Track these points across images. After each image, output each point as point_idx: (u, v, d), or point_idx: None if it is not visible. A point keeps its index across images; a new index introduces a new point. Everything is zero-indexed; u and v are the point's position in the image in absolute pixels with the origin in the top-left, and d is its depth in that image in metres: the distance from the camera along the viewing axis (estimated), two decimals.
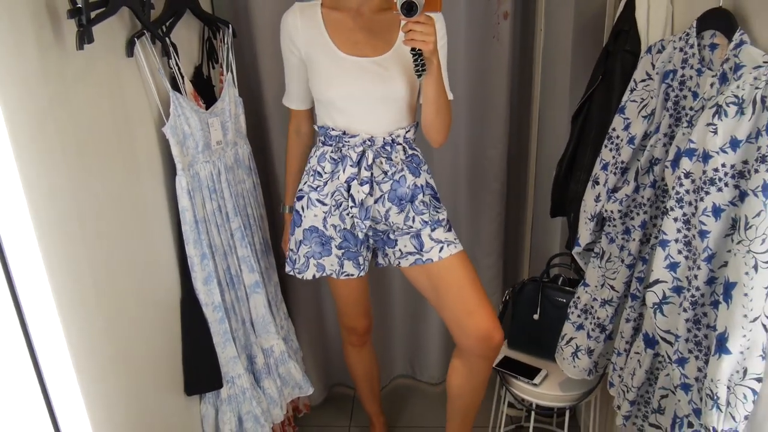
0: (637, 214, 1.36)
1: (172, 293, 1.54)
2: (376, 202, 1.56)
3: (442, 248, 1.58)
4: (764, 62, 1.00)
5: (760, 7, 1.07)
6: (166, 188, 1.49)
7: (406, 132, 1.56)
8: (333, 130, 1.55)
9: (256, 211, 1.82)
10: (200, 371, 1.59)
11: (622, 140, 1.39)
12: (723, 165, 1.04)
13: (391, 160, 1.54)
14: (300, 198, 1.63)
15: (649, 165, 1.31)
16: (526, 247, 2.27)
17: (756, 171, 0.98)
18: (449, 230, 1.62)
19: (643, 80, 1.36)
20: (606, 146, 1.44)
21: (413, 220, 1.57)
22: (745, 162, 1.03)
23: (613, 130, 1.42)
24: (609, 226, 1.43)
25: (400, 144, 1.55)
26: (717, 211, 1.06)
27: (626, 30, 1.45)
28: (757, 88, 1.00)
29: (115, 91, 1.28)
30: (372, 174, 1.53)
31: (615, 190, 1.39)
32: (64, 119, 1.07)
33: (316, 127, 1.62)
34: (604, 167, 1.44)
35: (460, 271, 1.58)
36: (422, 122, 1.55)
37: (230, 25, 1.67)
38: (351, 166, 1.53)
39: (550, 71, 2.02)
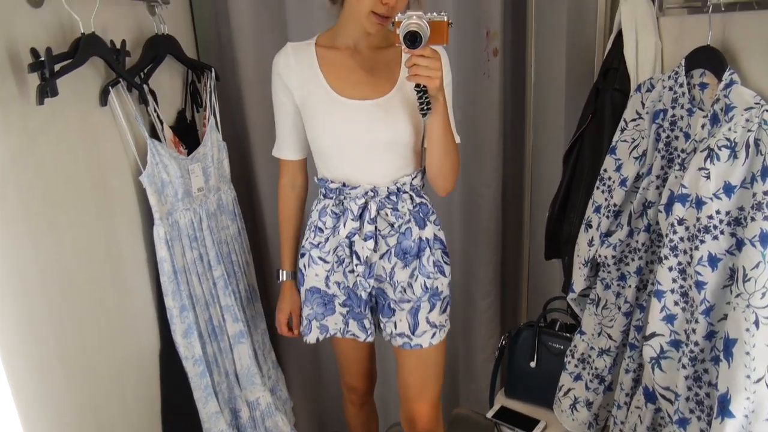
0: (632, 259, 1.30)
1: (150, 347, 1.48)
2: (381, 257, 1.42)
3: (434, 334, 1.48)
4: (756, 103, 0.95)
5: (749, 46, 1.03)
6: (144, 238, 1.44)
7: (413, 179, 1.42)
8: (332, 182, 1.42)
9: (241, 257, 1.76)
10: (180, 429, 1.51)
11: (614, 182, 1.33)
12: (717, 212, 0.99)
13: (398, 210, 1.40)
14: (302, 255, 1.51)
15: (643, 208, 1.25)
16: (523, 288, 2.19)
17: (752, 219, 0.93)
18: (446, 308, 1.50)
19: (634, 119, 1.31)
20: (598, 188, 1.38)
21: (415, 279, 1.43)
22: (741, 208, 0.97)
23: (605, 171, 1.37)
24: (604, 271, 1.37)
25: (407, 192, 1.41)
26: (713, 261, 1.00)
27: (615, 68, 1.41)
28: (749, 130, 0.94)
29: (87, 141, 1.24)
30: (377, 227, 1.40)
31: (608, 234, 1.33)
32: (28, 173, 1.03)
33: (316, 180, 1.48)
34: (597, 210, 1.38)
35: (433, 357, 1.52)
36: (428, 168, 1.40)
37: (213, 69, 1.64)
38: (352, 219, 1.38)
39: (543, 108, 1.98)
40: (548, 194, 1.74)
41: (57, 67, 1.05)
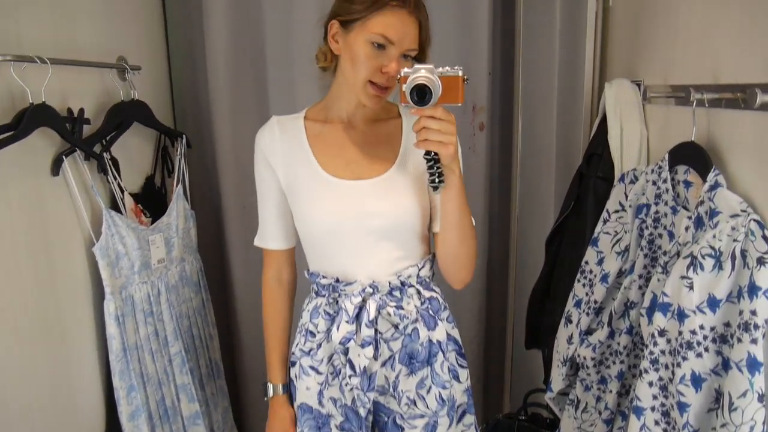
0: (614, 362, 1.19)
1: (95, 431, 1.36)
2: (383, 365, 1.18)
3: None
4: (742, 211, 0.87)
5: (736, 146, 0.96)
6: (95, 313, 1.36)
7: (420, 269, 1.19)
8: (324, 277, 1.19)
9: (203, 331, 1.66)
10: None
11: (595, 276, 1.24)
12: (701, 327, 0.89)
13: (402, 309, 1.17)
14: (292, 364, 1.26)
15: (625, 308, 1.16)
16: (507, 376, 2.07)
17: (739, 340, 0.83)
18: (471, 415, 1.27)
19: (617, 211, 1.23)
20: (579, 281, 1.30)
21: (428, 391, 1.19)
22: (727, 324, 0.88)
23: (586, 263, 1.28)
24: (583, 372, 1.26)
25: (413, 287, 1.19)
26: (697, 381, 0.90)
27: (599, 154, 1.34)
28: (735, 240, 0.86)
29: (33, 213, 1.17)
30: (377, 330, 1.16)
31: (589, 332, 1.23)
32: None
33: (306, 274, 1.25)
34: (577, 304, 1.29)
35: None
36: (440, 256, 1.18)
37: (184, 136, 1.59)
38: (347, 322, 1.14)
39: (531, 186, 1.91)
40: (533, 278, 1.65)
41: None
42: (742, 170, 0.94)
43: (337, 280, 1.18)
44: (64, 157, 1.21)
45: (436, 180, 1.04)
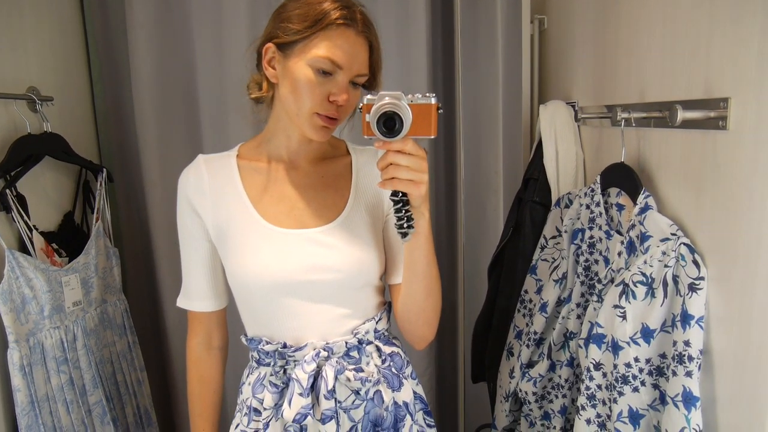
0: (556, 396, 1.13)
1: None
2: None
3: None
4: (672, 234, 0.83)
5: (665, 166, 0.92)
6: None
7: (377, 322, 1.04)
8: (268, 343, 1.00)
9: (130, 376, 1.55)
10: None
11: (534, 305, 1.19)
12: (636, 359, 0.84)
13: (363, 371, 1.00)
14: None
15: (564, 339, 1.10)
16: (460, 412, 1.99)
17: (674, 373, 0.78)
18: None
19: (554, 237, 1.19)
20: (519, 311, 1.24)
21: None
22: (663, 356, 0.83)
23: (525, 292, 1.23)
24: (526, 407, 1.20)
25: (372, 343, 1.04)
26: (635, 417, 0.84)
27: (535, 178, 1.30)
28: (666, 265, 0.81)
29: None
30: (336, 400, 0.98)
31: (530, 365, 1.17)
32: None
33: (243, 340, 1.05)
34: (518, 335, 1.23)
35: None
36: (401, 311, 1.01)
37: (104, 169, 1.49)
38: (300, 395, 0.96)
39: (478, 212, 1.86)
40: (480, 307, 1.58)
41: None
42: (671, 191, 0.90)
43: (284, 346, 0.99)
44: None
45: (405, 225, 0.87)
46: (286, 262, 0.96)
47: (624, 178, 0.98)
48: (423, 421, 1.06)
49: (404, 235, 0.87)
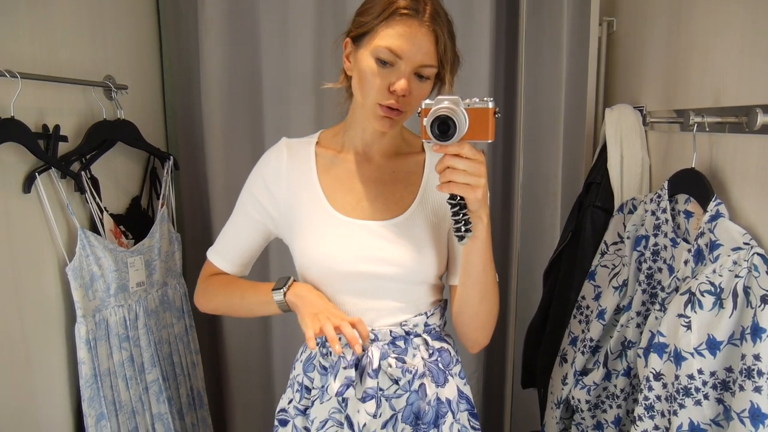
0: (610, 406, 1.10)
1: None
2: (384, 425, 1.00)
3: None
4: (745, 243, 0.79)
5: (739, 173, 0.88)
6: (67, 336, 1.30)
7: (428, 317, 1.04)
8: None
9: (185, 358, 1.60)
10: None
11: (592, 312, 1.16)
12: (700, 371, 0.81)
13: (405, 362, 1.01)
14: (284, 423, 1.08)
15: (622, 348, 1.07)
16: (506, 416, 1.96)
17: (741, 388, 0.75)
18: None
19: (615, 243, 1.16)
20: (575, 317, 1.21)
21: None
22: (729, 369, 0.80)
23: (583, 298, 1.20)
24: (578, 416, 1.17)
25: (420, 336, 1.04)
26: None
27: (598, 182, 1.27)
28: (737, 275, 0.78)
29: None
30: (378, 384, 0.99)
31: (584, 372, 1.15)
32: None
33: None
34: (573, 342, 1.20)
35: None
36: (457, 314, 1.02)
37: (171, 157, 1.55)
38: (344, 368, 0.99)
39: (535, 216, 1.83)
40: (533, 312, 1.56)
41: None
42: (745, 199, 0.86)
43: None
44: (37, 174, 1.17)
45: (462, 229, 0.88)
46: (348, 250, 1.00)
47: (694, 185, 0.95)
48: (468, 422, 1.05)
49: (461, 238, 0.88)
